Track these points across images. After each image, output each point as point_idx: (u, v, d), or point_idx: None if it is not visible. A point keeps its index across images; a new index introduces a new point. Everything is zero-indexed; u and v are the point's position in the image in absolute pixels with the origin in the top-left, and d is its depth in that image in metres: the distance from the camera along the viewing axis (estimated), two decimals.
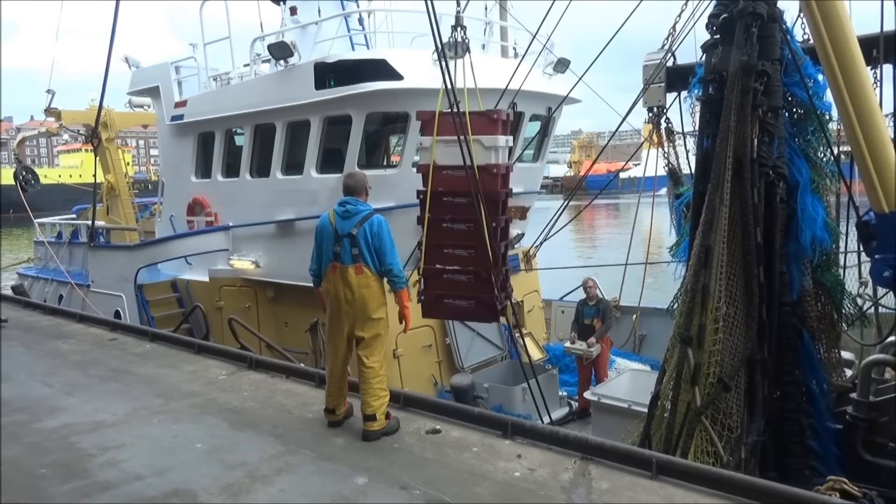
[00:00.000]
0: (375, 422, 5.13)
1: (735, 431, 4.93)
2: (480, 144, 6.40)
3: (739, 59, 5.07)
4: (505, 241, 6.66)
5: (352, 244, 5.16)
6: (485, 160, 6.43)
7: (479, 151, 6.37)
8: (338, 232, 5.22)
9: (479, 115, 6.45)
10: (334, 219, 5.28)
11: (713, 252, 4.99)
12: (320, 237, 5.34)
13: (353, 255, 5.16)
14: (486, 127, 6.40)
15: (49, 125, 19.42)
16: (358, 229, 5.19)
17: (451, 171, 6.38)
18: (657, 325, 11.64)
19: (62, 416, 5.85)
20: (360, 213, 5.26)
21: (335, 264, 5.19)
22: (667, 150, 9.22)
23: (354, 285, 5.14)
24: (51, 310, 11.14)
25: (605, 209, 57.56)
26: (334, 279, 5.20)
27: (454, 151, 6.30)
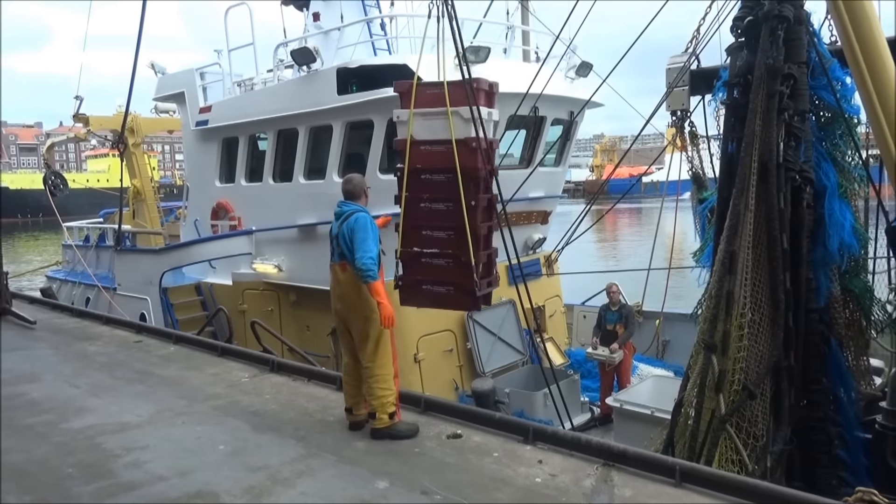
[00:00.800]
0: (377, 419, 5.23)
1: (760, 440, 4.85)
2: (459, 117, 6.00)
3: (765, 63, 5.01)
4: (488, 222, 6.30)
5: (337, 243, 5.39)
6: (463, 134, 6.02)
7: (458, 124, 5.98)
8: (331, 233, 5.52)
9: (457, 84, 6.08)
10: (334, 221, 5.56)
11: (738, 258, 4.93)
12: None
13: (339, 254, 5.37)
14: (465, 98, 5.99)
15: (77, 131, 19.80)
16: (339, 228, 5.39)
17: (429, 146, 6.05)
18: (680, 330, 11.51)
19: (88, 417, 5.94)
20: (345, 213, 5.44)
21: (331, 264, 5.46)
22: (690, 154, 9.13)
23: (342, 283, 5.35)
24: (78, 312, 11.34)
25: (627, 213, 57.16)
26: (331, 278, 5.48)
27: (432, 125, 6.03)
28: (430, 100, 6.01)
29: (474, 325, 10.74)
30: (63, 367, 7.72)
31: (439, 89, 6.03)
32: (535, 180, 10.83)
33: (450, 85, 6.01)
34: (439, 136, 5.97)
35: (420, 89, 6.09)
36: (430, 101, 5.99)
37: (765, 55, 5.02)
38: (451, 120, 5.93)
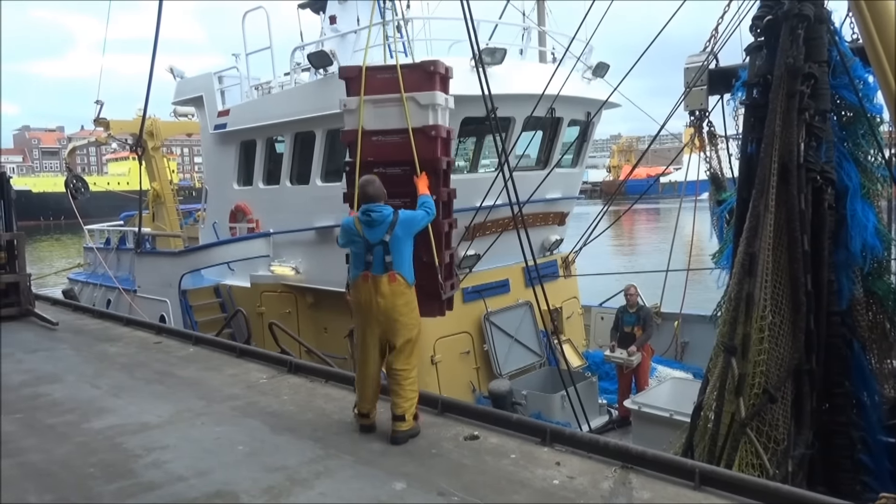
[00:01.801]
0: (405, 422, 5.17)
1: (782, 444, 4.79)
2: (415, 103, 5.56)
3: (785, 62, 4.96)
4: (448, 219, 5.99)
5: (384, 252, 5.07)
6: (421, 121, 5.62)
7: (414, 111, 5.58)
8: (368, 241, 5.11)
9: (412, 68, 5.71)
10: (361, 228, 5.16)
11: (758, 260, 4.87)
12: (349, 244, 5.30)
13: (385, 264, 5.08)
14: (421, 82, 5.56)
15: (98, 135, 20.04)
16: (390, 235, 5.08)
17: (381, 136, 5.59)
18: (699, 332, 11.41)
19: (109, 417, 6.01)
20: (387, 217, 5.14)
21: (367, 274, 5.13)
22: (709, 155, 9.06)
23: (388, 294, 5.10)
24: (99, 313, 11.48)
25: (645, 214, 56.80)
26: (366, 289, 5.14)
27: (385, 113, 5.55)
28: (380, 85, 5.54)
29: (491, 327, 10.73)
30: (84, 368, 7.82)
31: (390, 73, 5.59)
32: (552, 181, 10.80)
33: (403, 68, 5.60)
34: (393, 125, 5.56)
35: (370, 74, 5.61)
36: (381, 87, 5.54)
37: (785, 54, 4.97)
38: (405, 106, 5.49)
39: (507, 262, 11.17)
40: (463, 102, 9.74)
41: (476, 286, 10.87)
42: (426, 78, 5.65)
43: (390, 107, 5.58)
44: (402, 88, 5.50)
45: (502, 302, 11.17)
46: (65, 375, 7.52)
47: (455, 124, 10.02)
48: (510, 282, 11.41)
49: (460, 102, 9.69)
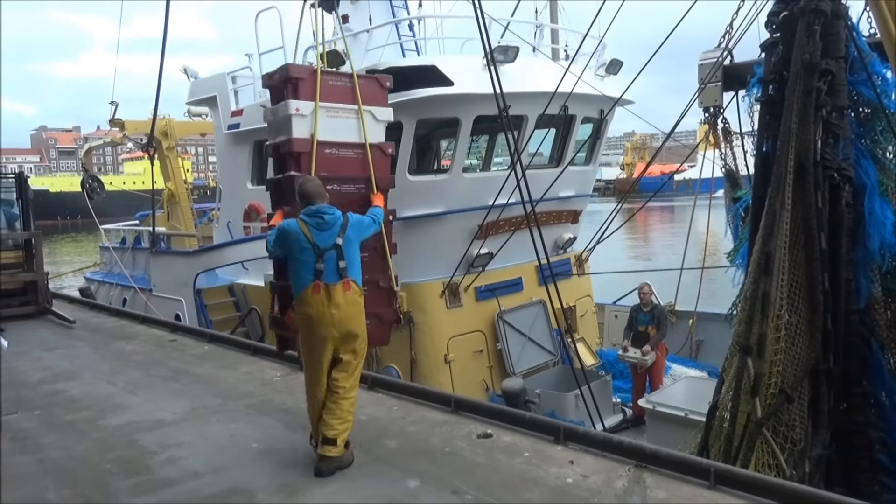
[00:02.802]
0: (335, 447, 4.63)
1: (799, 444, 4.75)
2: (372, 117, 5.27)
3: (801, 58, 4.91)
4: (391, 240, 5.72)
5: (338, 257, 4.60)
6: (377, 137, 5.33)
7: (370, 125, 5.25)
8: (318, 246, 4.57)
9: (366, 79, 5.38)
10: (310, 232, 4.59)
11: (774, 258, 4.83)
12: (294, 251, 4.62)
13: (339, 271, 4.60)
14: (376, 95, 5.32)
15: (113, 135, 20.24)
16: (343, 237, 4.64)
17: (336, 150, 5.14)
18: (714, 330, 11.34)
19: (125, 414, 6.07)
20: (338, 218, 4.71)
21: (318, 283, 4.55)
22: (724, 152, 8.99)
23: (343, 304, 4.59)
24: (115, 311, 11.60)
25: (659, 212, 56.46)
26: (317, 300, 4.55)
27: (340, 124, 5.14)
28: (333, 93, 5.17)
29: (504, 326, 10.72)
30: (101, 366, 7.91)
31: (344, 81, 5.23)
32: (565, 179, 10.76)
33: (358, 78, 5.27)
34: (348, 139, 5.16)
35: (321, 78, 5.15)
36: (334, 95, 5.17)
37: (801, 51, 4.91)
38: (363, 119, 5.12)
39: (520, 260, 11.16)
40: (475, 101, 9.75)
41: (489, 285, 10.86)
42: (380, 92, 5.39)
43: (345, 118, 5.20)
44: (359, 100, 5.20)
45: (515, 300, 11.16)
46: (82, 373, 7.61)
47: (467, 122, 10.04)
48: (523, 280, 11.39)
49: (473, 100, 9.74)
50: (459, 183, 10.30)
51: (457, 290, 10.51)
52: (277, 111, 5.10)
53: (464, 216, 10.28)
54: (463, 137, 10.11)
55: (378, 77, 5.38)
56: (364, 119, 5.20)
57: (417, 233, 10.33)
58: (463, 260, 10.46)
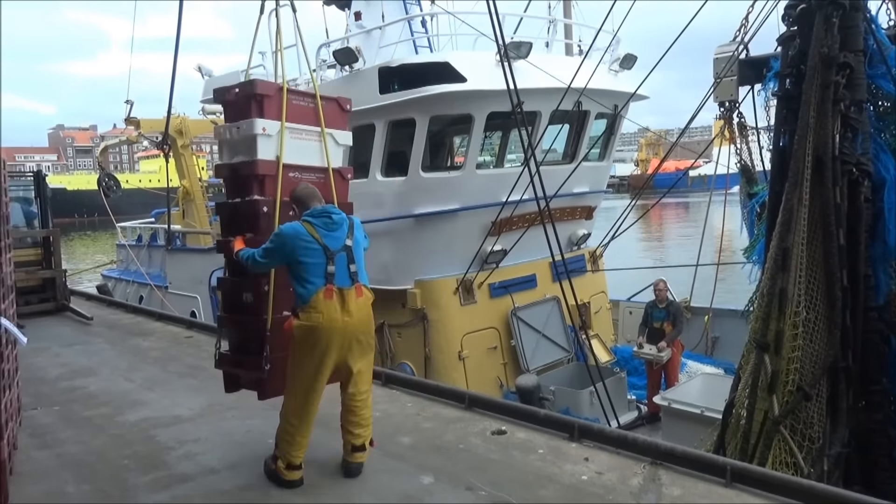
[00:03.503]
0: (365, 452, 4.58)
1: (816, 442, 4.70)
2: (333, 140, 5.02)
3: (819, 52, 4.84)
4: None
5: (349, 259, 4.32)
6: (337, 161, 5.10)
7: (331, 149, 4.99)
8: (329, 248, 4.24)
9: (327, 101, 5.08)
10: (316, 232, 4.26)
11: (791, 255, 4.78)
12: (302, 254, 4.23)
13: (350, 274, 4.32)
14: (336, 117, 5.08)
15: (129, 133, 20.41)
16: (352, 239, 4.38)
17: (299, 173, 4.81)
18: (730, 326, 11.26)
19: (143, 410, 6.13)
20: (345, 219, 4.43)
21: (330, 288, 4.21)
22: (739, 147, 8.90)
23: (355, 311, 4.29)
24: (132, 308, 11.72)
25: (674, 208, 56.11)
26: (331, 307, 4.20)
27: (303, 147, 4.84)
28: (297, 114, 4.86)
29: (518, 322, 10.71)
30: (119, 362, 7.99)
31: (306, 101, 4.94)
32: (579, 175, 10.72)
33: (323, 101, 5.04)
34: (312, 162, 4.87)
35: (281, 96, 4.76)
36: (297, 115, 4.86)
37: (819, 44, 4.85)
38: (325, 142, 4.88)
39: (534, 257, 11.13)
40: (488, 97, 9.73)
41: (503, 281, 10.85)
42: (341, 115, 5.14)
43: (308, 140, 4.90)
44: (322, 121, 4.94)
45: (529, 297, 11.14)
46: (100, 369, 7.70)
47: (480, 119, 10.03)
48: (537, 277, 11.37)
49: (486, 97, 9.72)
50: (473, 180, 10.29)
51: (470, 286, 10.52)
52: (241, 129, 4.67)
53: (477, 213, 10.28)
54: (476, 134, 10.10)
55: (338, 99, 5.15)
56: (326, 142, 4.92)
57: (431, 230, 10.33)
58: (476, 256, 10.46)
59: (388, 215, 10.41)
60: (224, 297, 5.03)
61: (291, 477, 4.41)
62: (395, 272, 10.63)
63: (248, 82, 4.82)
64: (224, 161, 4.92)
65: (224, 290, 4.99)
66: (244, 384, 4.81)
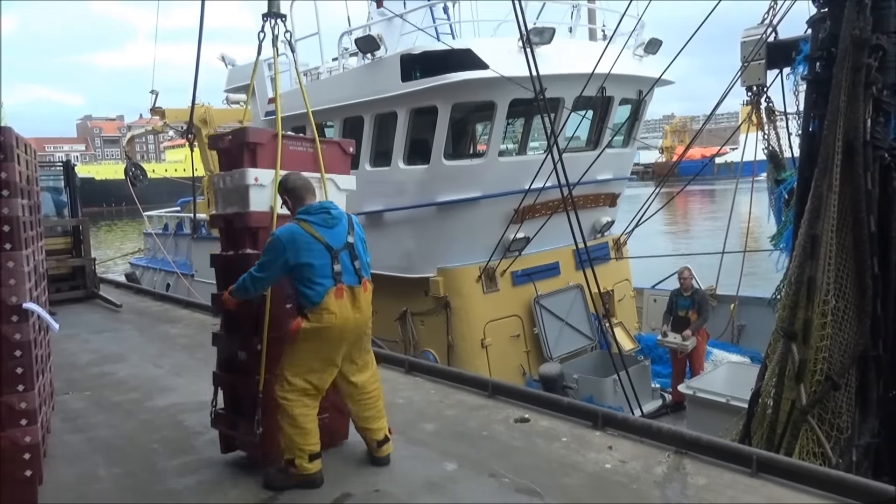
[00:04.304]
0: (389, 442, 4.53)
1: (845, 432, 4.64)
2: (334, 185, 4.80)
3: (850, 34, 4.72)
4: None
5: (352, 257, 4.17)
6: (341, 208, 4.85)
7: (332, 195, 4.74)
8: (332, 247, 4.09)
9: (328, 144, 4.87)
10: (316, 231, 4.07)
11: (820, 242, 4.70)
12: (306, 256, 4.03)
13: (356, 271, 4.18)
14: (337, 161, 4.85)
15: (154, 123, 20.64)
16: (353, 235, 4.23)
17: None
18: (757, 314, 11.12)
19: (171, 396, 6.24)
20: (344, 214, 4.28)
21: (340, 287, 4.08)
22: (767, 132, 8.75)
23: (364, 307, 4.21)
24: (159, 296, 11.91)
25: (699, 196, 55.45)
26: (342, 306, 4.08)
27: None
28: (294, 159, 4.60)
29: (541, 310, 10.69)
30: (147, 348, 8.13)
31: (304, 146, 4.72)
32: (603, 162, 10.63)
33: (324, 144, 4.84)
34: None
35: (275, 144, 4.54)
36: (293, 161, 4.59)
37: (850, 26, 4.73)
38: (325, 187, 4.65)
39: (557, 244, 11.08)
40: (511, 84, 9.67)
41: (525, 269, 10.83)
42: (343, 158, 4.90)
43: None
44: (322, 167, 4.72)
45: (552, 285, 11.11)
46: (129, 355, 7.84)
47: (503, 106, 9.97)
48: (560, 264, 11.32)
49: (508, 84, 9.65)
50: (495, 167, 10.26)
51: (493, 274, 10.51)
52: (233, 179, 4.46)
53: (500, 200, 10.25)
54: (498, 121, 10.05)
55: (340, 142, 4.95)
56: (326, 188, 4.70)
57: (453, 218, 10.33)
58: (499, 244, 10.44)
59: (410, 203, 10.43)
60: (218, 354, 4.81)
61: (315, 468, 4.20)
62: (417, 260, 10.67)
63: (240, 130, 4.57)
64: (218, 212, 4.71)
65: (218, 347, 4.79)
66: (239, 445, 4.62)
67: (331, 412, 4.65)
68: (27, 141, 4.87)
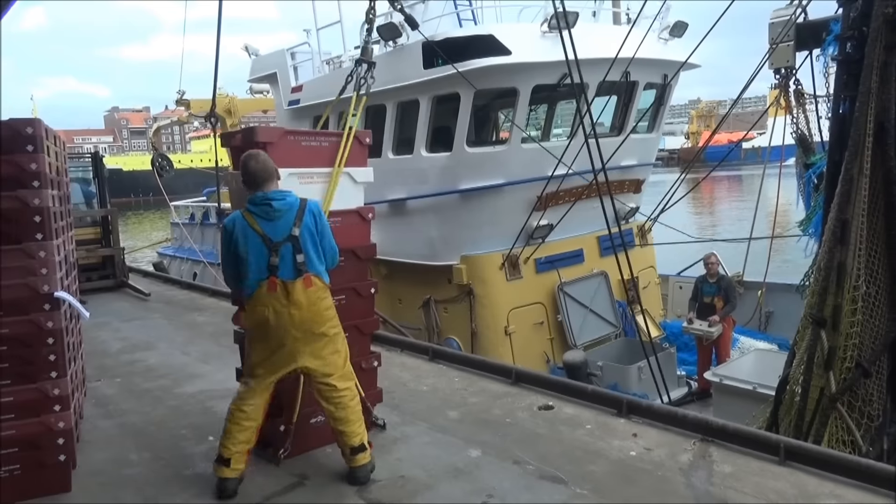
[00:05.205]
0: (366, 452, 4.16)
1: (876, 420, 4.56)
2: (350, 179, 4.75)
3: (882, 13, 4.59)
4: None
5: (295, 250, 3.96)
6: (355, 201, 4.80)
7: (348, 189, 4.70)
8: (270, 239, 3.94)
9: (339, 136, 4.78)
10: (256, 222, 3.96)
11: (850, 227, 4.60)
12: (242, 248, 3.98)
13: (297, 266, 3.96)
14: (356, 154, 4.76)
15: (180, 114, 20.87)
16: (300, 228, 3.97)
17: None
18: (784, 301, 10.95)
19: (199, 383, 6.35)
20: (293, 205, 4.00)
21: (273, 280, 3.93)
22: (796, 116, 8.57)
23: (304, 303, 3.96)
24: (187, 285, 12.10)
25: (726, 181, 54.63)
26: (274, 300, 3.93)
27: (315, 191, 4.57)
28: (305, 155, 4.57)
29: (565, 298, 10.64)
30: (175, 336, 8.27)
31: (318, 141, 4.66)
32: (628, 148, 10.51)
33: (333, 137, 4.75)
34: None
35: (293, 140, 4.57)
36: (306, 157, 4.56)
37: (883, 4, 4.60)
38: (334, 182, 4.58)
39: (581, 231, 11.02)
40: (533, 69, 9.59)
41: (549, 256, 10.79)
42: (360, 150, 4.78)
43: (320, 182, 4.64)
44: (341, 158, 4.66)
45: (576, 272, 11.05)
46: (158, 343, 7.99)
47: (526, 92, 9.90)
48: (584, 251, 11.26)
49: (531, 70, 9.57)
50: (518, 154, 10.21)
51: (516, 262, 10.49)
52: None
53: (523, 187, 10.20)
54: (521, 107, 9.98)
55: (357, 133, 4.85)
56: (343, 182, 4.65)
57: (476, 205, 10.31)
58: (522, 231, 10.40)
59: (433, 191, 10.42)
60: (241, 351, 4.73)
61: (216, 471, 4.06)
62: (440, 248, 10.68)
63: (249, 130, 4.54)
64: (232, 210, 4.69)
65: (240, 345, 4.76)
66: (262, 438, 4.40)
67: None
68: (57, 133, 4.96)
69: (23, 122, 3.99)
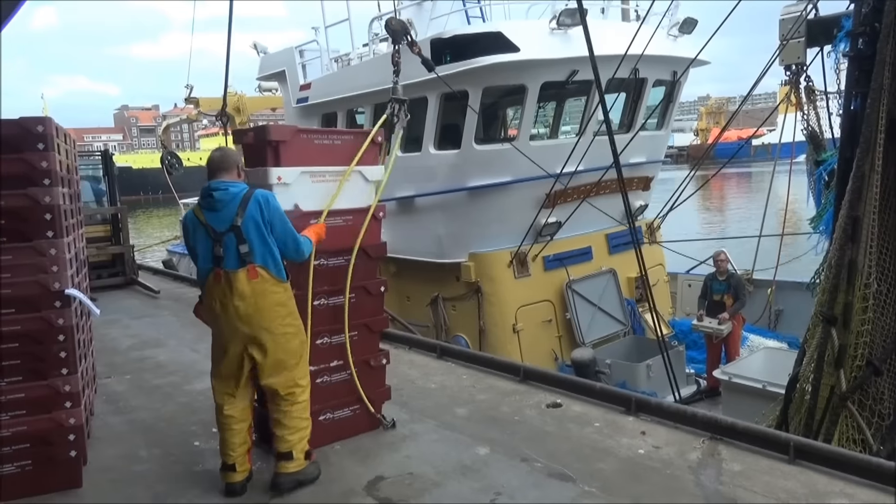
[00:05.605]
0: (292, 461, 4.02)
1: (887, 419, 4.53)
2: (362, 177, 4.72)
3: (895, 8, 4.56)
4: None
5: (238, 241, 3.84)
6: (366, 200, 4.75)
7: (359, 188, 4.67)
8: (214, 230, 3.88)
9: (355, 135, 4.81)
10: (202, 213, 3.93)
11: (862, 224, 4.57)
12: (192, 239, 4.01)
13: (241, 256, 3.85)
14: (368, 153, 4.73)
15: (189, 112, 20.94)
16: (242, 217, 3.84)
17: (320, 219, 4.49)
18: (795, 299, 10.90)
19: (208, 380, 6.27)
20: (236, 195, 3.88)
21: (218, 271, 3.87)
22: (806, 113, 8.52)
23: (249, 294, 3.85)
24: (195, 282, 12.10)
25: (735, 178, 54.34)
26: (219, 290, 3.88)
27: (326, 190, 4.51)
28: (317, 153, 4.53)
29: (573, 295, 10.62)
30: (184, 333, 8.30)
31: (330, 139, 4.64)
32: (637, 145, 10.47)
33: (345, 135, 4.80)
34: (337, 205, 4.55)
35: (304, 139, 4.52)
36: (318, 156, 4.53)
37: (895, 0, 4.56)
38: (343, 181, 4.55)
39: (589, 229, 10.99)
40: (542, 67, 9.56)
41: (557, 254, 10.77)
42: (371, 148, 4.77)
43: (332, 181, 4.58)
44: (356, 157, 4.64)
45: (585, 270, 11.02)
46: (167, 340, 8.03)
47: (534, 89, 9.87)
48: (593, 249, 11.23)
49: (539, 67, 9.55)
50: (526, 151, 10.18)
51: (525, 259, 10.47)
52: (257, 178, 4.40)
53: (531, 185, 10.18)
54: (530, 105, 9.96)
55: (367, 131, 4.88)
56: (354, 180, 4.65)
57: (484, 202, 10.30)
58: (530, 229, 10.39)
59: (441, 188, 10.42)
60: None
61: (223, 477, 4.08)
62: (448, 245, 10.67)
63: (261, 128, 4.50)
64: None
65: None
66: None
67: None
68: (67, 131, 4.99)
69: (33, 120, 4.03)
